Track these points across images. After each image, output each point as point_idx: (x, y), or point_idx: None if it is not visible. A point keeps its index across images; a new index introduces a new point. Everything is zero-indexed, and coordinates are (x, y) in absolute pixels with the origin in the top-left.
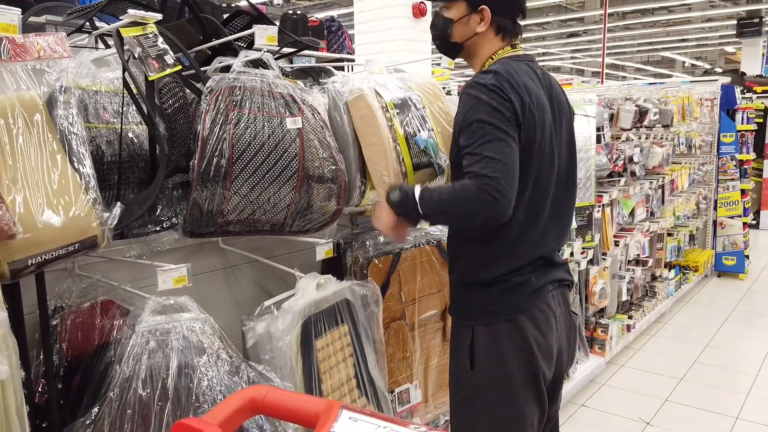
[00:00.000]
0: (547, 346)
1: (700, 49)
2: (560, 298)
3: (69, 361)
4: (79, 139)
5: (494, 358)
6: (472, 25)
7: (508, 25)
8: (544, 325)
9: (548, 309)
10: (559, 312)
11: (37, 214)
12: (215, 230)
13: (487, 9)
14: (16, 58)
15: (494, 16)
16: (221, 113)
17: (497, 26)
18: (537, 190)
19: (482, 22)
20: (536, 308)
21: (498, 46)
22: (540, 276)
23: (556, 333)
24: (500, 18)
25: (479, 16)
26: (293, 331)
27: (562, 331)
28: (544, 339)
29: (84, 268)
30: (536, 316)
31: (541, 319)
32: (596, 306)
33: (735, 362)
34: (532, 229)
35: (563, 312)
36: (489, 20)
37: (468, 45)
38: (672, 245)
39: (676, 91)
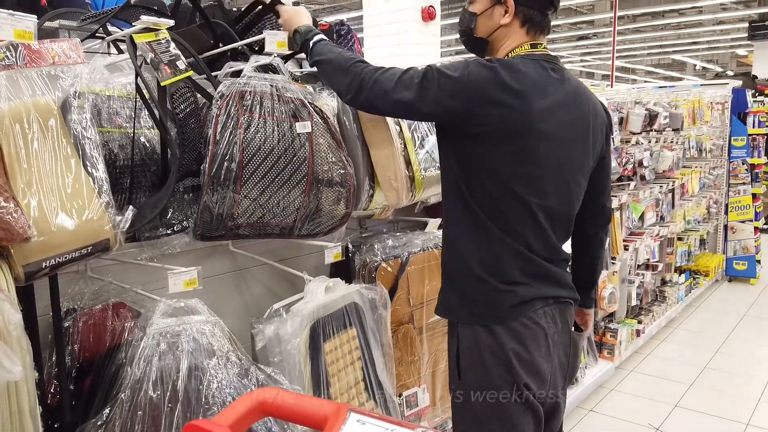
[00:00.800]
0: (531, 361)
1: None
2: (556, 316)
3: (81, 363)
4: (92, 143)
5: (478, 369)
6: (496, 17)
7: (536, 17)
8: (530, 341)
9: (535, 326)
10: (552, 330)
11: (51, 218)
12: (225, 233)
13: (510, 1)
14: (32, 63)
15: (519, 6)
16: (232, 118)
17: (523, 17)
18: (522, 199)
19: (506, 14)
20: (518, 322)
21: (522, 41)
22: (529, 290)
23: (547, 351)
24: (526, 9)
25: (503, 8)
26: (302, 334)
27: (557, 350)
28: (528, 354)
29: (96, 271)
30: (516, 329)
31: (526, 334)
32: (605, 310)
33: (746, 368)
34: (517, 240)
35: (559, 330)
36: (513, 11)
37: (492, 39)
38: (682, 250)
39: (686, 94)
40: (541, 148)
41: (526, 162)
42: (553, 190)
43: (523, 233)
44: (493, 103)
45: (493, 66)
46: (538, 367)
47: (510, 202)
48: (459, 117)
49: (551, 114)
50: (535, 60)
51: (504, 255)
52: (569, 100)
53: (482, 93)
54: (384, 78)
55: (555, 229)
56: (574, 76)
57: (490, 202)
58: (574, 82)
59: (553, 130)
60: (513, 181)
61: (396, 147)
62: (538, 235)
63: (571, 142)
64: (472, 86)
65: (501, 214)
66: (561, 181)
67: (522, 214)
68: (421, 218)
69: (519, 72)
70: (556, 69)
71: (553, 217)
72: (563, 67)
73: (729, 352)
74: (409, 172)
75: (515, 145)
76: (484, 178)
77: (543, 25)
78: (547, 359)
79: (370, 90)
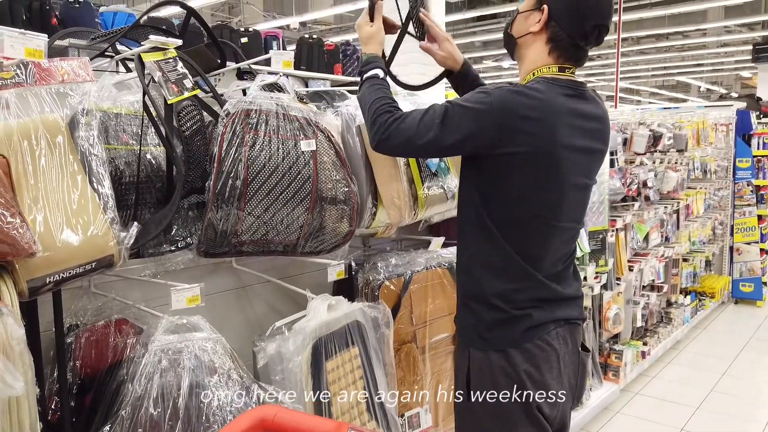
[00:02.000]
0: (543, 383)
1: (716, 74)
2: (567, 337)
3: (82, 379)
4: (99, 160)
5: (489, 390)
6: (531, 21)
7: (564, 41)
8: (543, 362)
9: (548, 347)
10: (563, 351)
11: (56, 233)
12: (229, 250)
13: (546, 9)
14: (41, 81)
15: (551, 21)
16: (237, 135)
17: (550, 35)
18: (545, 221)
19: (538, 22)
20: (532, 344)
21: (544, 62)
22: (543, 313)
23: (558, 372)
24: (557, 28)
25: (539, 15)
26: (304, 353)
27: (567, 371)
28: (540, 375)
29: (100, 287)
30: (531, 350)
31: (540, 356)
32: (610, 332)
33: (753, 391)
34: (534, 266)
35: (569, 350)
36: (545, 21)
37: (520, 43)
38: (688, 271)
39: (690, 115)
40: (561, 173)
41: (548, 187)
42: (570, 213)
43: (540, 256)
44: (514, 130)
45: (515, 92)
46: (549, 388)
47: (531, 225)
48: (481, 144)
49: (571, 139)
50: (560, 85)
51: (519, 281)
52: (590, 128)
53: (503, 120)
54: (405, 127)
55: (568, 249)
56: (599, 101)
57: (510, 226)
58: (599, 110)
59: (573, 156)
60: (535, 205)
61: (399, 166)
62: (553, 257)
63: (587, 167)
64: (495, 114)
65: (521, 238)
66: (577, 203)
67: (542, 237)
68: (425, 237)
69: (540, 99)
70: (581, 95)
71: (568, 237)
72: (590, 94)
73: (736, 375)
74: (412, 191)
75: (536, 170)
76: (506, 203)
77: (570, 53)
78: (558, 380)
79: (393, 139)
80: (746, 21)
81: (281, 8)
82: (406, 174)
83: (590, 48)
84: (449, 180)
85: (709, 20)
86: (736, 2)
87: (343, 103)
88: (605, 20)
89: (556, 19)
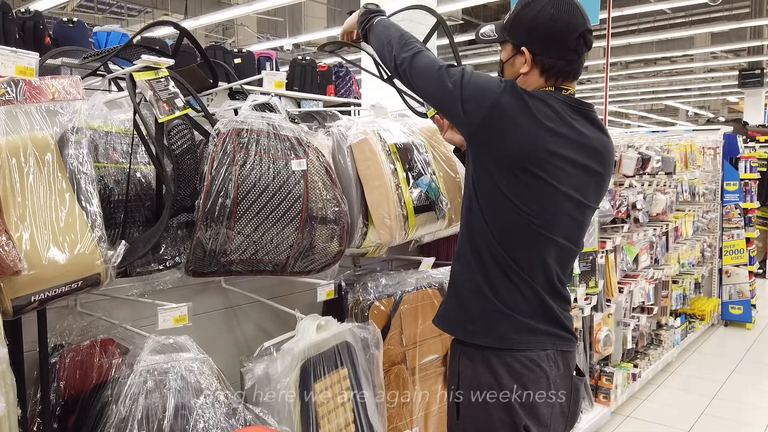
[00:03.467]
0: (531, 405)
1: (703, 99)
2: (558, 360)
3: (66, 400)
4: (87, 178)
5: (478, 410)
6: (517, 65)
7: (556, 65)
8: (531, 384)
9: (538, 368)
10: (554, 374)
11: (42, 251)
12: (218, 269)
13: (526, 51)
14: (32, 99)
15: (536, 57)
16: (228, 155)
17: (542, 66)
18: (536, 232)
19: (525, 63)
20: (519, 363)
21: (544, 86)
22: (530, 323)
23: (548, 395)
24: (545, 58)
25: (523, 58)
26: (292, 374)
27: (558, 394)
28: (527, 396)
29: (86, 306)
30: (519, 371)
31: (529, 377)
32: (601, 354)
33: (743, 414)
34: (531, 275)
35: (561, 374)
36: (530, 61)
37: (518, 82)
38: (677, 293)
39: (678, 139)
40: (550, 178)
41: (539, 192)
42: (564, 228)
43: (534, 267)
44: (505, 116)
45: (520, 90)
46: (539, 410)
47: (525, 231)
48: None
49: (559, 149)
50: (559, 99)
51: (511, 281)
52: (588, 143)
53: (502, 101)
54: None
55: (562, 269)
56: (601, 125)
57: (504, 230)
58: (598, 133)
59: (562, 165)
60: (528, 210)
61: (390, 185)
62: (548, 272)
63: (582, 184)
64: (501, 92)
65: (515, 243)
66: (571, 220)
67: (536, 248)
68: (415, 257)
69: (543, 103)
70: (580, 112)
71: (562, 255)
72: (593, 115)
73: (726, 398)
74: (403, 211)
75: (525, 172)
76: (501, 205)
77: (567, 71)
78: (548, 403)
79: (414, 70)
80: (732, 47)
81: (275, 30)
82: (396, 194)
83: (585, 54)
84: (440, 200)
85: (696, 46)
86: (722, 29)
87: (334, 123)
88: (585, 26)
89: (540, 53)
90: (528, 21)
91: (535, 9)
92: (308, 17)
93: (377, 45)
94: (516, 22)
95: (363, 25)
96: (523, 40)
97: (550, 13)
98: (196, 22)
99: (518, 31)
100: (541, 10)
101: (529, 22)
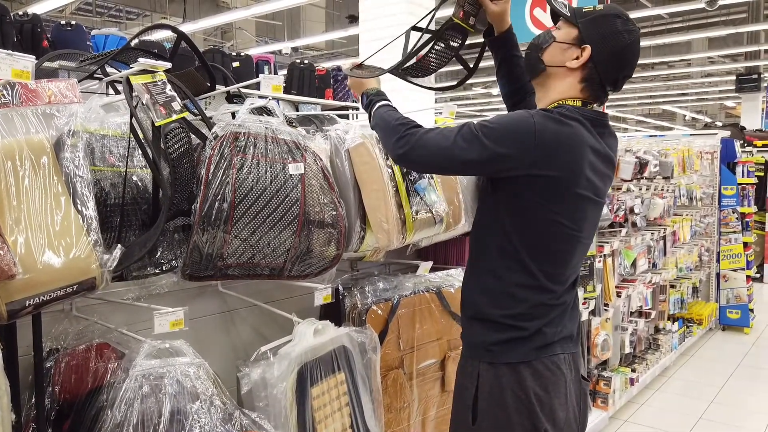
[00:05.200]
0: (551, 407)
1: (701, 103)
2: (571, 363)
3: (61, 405)
4: (83, 181)
5: (498, 413)
6: (568, 55)
7: (596, 83)
8: (551, 386)
9: (558, 370)
10: (570, 377)
11: (37, 255)
12: (214, 273)
13: (588, 50)
14: (28, 102)
15: (591, 61)
16: (225, 158)
17: (587, 75)
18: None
19: (576, 60)
20: (541, 363)
21: (573, 95)
22: (553, 329)
23: (565, 399)
24: (594, 70)
25: (578, 52)
26: (288, 378)
27: (572, 399)
28: (549, 400)
29: (81, 310)
30: (541, 372)
31: (550, 379)
32: (599, 358)
33: (741, 419)
34: (557, 281)
35: (573, 378)
36: (584, 61)
37: (550, 73)
38: (675, 297)
39: (676, 143)
40: (583, 193)
41: (572, 206)
42: (588, 228)
43: (562, 272)
44: (551, 154)
45: (554, 120)
46: (556, 414)
47: (557, 239)
48: (517, 164)
49: (592, 168)
50: (586, 117)
51: (539, 299)
52: (606, 152)
53: (543, 143)
54: (437, 138)
55: (580, 265)
56: (611, 128)
57: (537, 245)
58: (613, 140)
59: (593, 177)
60: (561, 220)
61: (388, 189)
62: (572, 273)
63: (601, 190)
64: (537, 136)
65: (546, 256)
66: (592, 220)
67: (567, 252)
68: (413, 261)
69: (573, 127)
70: (602, 125)
71: (583, 253)
72: (607, 121)
73: (724, 403)
74: (401, 215)
75: (564, 192)
76: (536, 222)
77: (598, 94)
78: (564, 408)
79: (420, 150)
80: (729, 52)
81: (273, 33)
82: (394, 198)
83: (608, 95)
84: (438, 204)
85: (693, 51)
86: (719, 34)
87: (332, 127)
88: (633, 70)
89: (596, 63)
90: (610, 28)
91: (621, 26)
92: (307, 21)
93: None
94: (599, 20)
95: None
96: (594, 39)
97: (630, 41)
98: (194, 25)
99: (596, 28)
100: (627, 32)
101: (610, 29)
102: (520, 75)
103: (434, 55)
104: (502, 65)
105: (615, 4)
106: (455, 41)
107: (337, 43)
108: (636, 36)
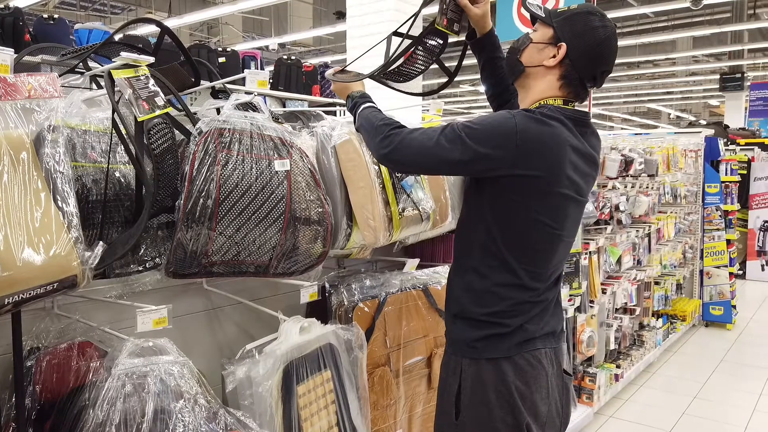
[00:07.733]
0: (532, 401)
1: (685, 102)
2: (553, 358)
3: (42, 404)
4: (64, 177)
5: (480, 408)
6: (545, 54)
7: (575, 80)
8: (532, 381)
9: (539, 365)
10: (551, 371)
11: (17, 252)
12: (199, 271)
13: (564, 47)
14: (7, 96)
15: (567, 58)
16: (209, 154)
17: (564, 72)
18: (548, 242)
19: (553, 58)
20: (522, 357)
21: (552, 94)
22: (535, 326)
23: (546, 393)
24: (571, 67)
25: (555, 51)
26: (274, 377)
27: (554, 393)
28: (530, 393)
29: (63, 308)
30: (522, 366)
31: (530, 373)
32: (584, 354)
33: (724, 414)
34: (539, 278)
35: (555, 372)
36: (560, 59)
37: (529, 72)
38: (659, 294)
39: (660, 142)
40: (565, 192)
41: (554, 205)
42: (570, 227)
43: (544, 270)
44: (533, 154)
45: (536, 120)
46: (538, 408)
47: (540, 238)
48: (500, 164)
49: (574, 168)
50: (567, 117)
51: (521, 297)
52: (588, 151)
53: (525, 143)
54: (421, 138)
55: (562, 263)
56: (594, 127)
57: (521, 244)
58: (595, 139)
59: (574, 177)
60: (543, 219)
61: (374, 186)
62: (554, 270)
63: (583, 188)
64: (519, 136)
65: (530, 254)
66: (575, 219)
67: (549, 251)
68: (400, 258)
69: (554, 127)
70: (585, 124)
71: (565, 251)
72: (589, 120)
73: (707, 398)
74: (388, 212)
75: (546, 192)
76: (518, 221)
77: (578, 91)
78: (546, 402)
79: (404, 150)
80: (713, 51)
81: (260, 29)
82: (381, 195)
83: (590, 91)
84: (424, 202)
85: (678, 50)
86: (704, 33)
87: (318, 124)
88: (612, 65)
89: (572, 59)
90: (584, 25)
91: (595, 22)
92: (294, 17)
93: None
94: (573, 18)
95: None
96: (568, 37)
97: (605, 36)
98: (180, 20)
99: (570, 25)
100: (601, 27)
101: (584, 26)
102: (504, 76)
103: (416, 59)
104: (486, 67)
105: (590, 3)
106: (436, 46)
107: (324, 40)
108: (611, 31)
